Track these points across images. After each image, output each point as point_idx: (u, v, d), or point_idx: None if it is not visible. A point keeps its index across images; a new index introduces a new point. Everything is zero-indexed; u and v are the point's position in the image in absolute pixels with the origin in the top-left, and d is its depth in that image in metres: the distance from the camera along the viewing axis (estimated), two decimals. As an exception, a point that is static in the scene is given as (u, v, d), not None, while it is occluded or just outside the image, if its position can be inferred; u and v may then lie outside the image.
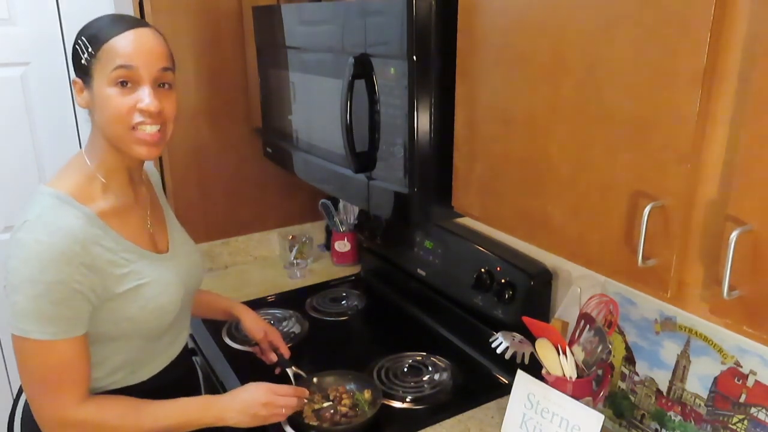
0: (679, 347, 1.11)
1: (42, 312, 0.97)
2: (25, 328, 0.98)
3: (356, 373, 1.40)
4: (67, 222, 0.99)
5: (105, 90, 1.01)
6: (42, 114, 2.01)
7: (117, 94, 1.00)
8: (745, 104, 0.64)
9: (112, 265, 1.03)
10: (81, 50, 1.02)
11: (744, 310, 0.67)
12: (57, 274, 0.96)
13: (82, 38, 1.02)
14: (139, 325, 1.08)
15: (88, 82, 1.03)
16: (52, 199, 1.02)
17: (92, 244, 1.01)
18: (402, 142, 1.11)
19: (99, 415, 1.04)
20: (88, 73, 1.02)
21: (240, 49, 1.91)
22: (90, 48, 1.00)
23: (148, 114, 1.01)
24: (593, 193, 0.83)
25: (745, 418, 1.01)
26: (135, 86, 1.01)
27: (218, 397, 1.15)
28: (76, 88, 1.06)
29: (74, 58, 1.04)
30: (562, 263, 1.38)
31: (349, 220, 2.08)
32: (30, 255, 0.97)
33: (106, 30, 1.01)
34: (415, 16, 1.03)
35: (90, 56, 1.00)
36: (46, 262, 0.96)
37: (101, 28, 1.02)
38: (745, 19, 0.63)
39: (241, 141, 2.02)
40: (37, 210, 1.00)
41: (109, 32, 1.00)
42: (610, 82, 0.77)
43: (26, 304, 0.97)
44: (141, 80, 1.01)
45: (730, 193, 0.66)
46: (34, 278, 0.96)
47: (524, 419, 1.19)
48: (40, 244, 0.97)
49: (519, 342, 1.19)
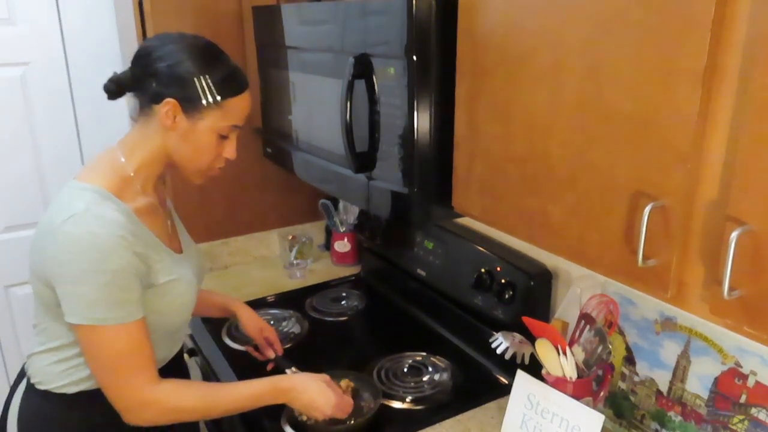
0: (679, 347, 1.11)
1: (112, 299, 1.00)
2: (98, 317, 1.00)
3: (356, 373, 1.40)
4: (114, 216, 1.03)
5: (208, 134, 1.10)
6: (42, 114, 2.01)
7: (215, 142, 1.11)
8: (745, 104, 0.64)
9: (151, 259, 1.07)
10: (204, 92, 1.06)
11: (744, 310, 0.66)
12: (119, 261, 1.00)
13: (208, 79, 1.06)
14: (163, 320, 1.12)
15: (193, 115, 1.07)
16: (93, 194, 1.04)
17: (136, 237, 1.05)
18: (402, 142, 1.11)
19: (177, 394, 1.08)
20: (200, 111, 1.07)
21: (240, 49, 1.91)
22: (218, 97, 1.07)
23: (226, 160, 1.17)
24: (593, 193, 0.83)
25: (745, 418, 1.01)
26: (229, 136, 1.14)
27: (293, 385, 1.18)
28: (167, 107, 1.06)
29: (185, 87, 1.05)
30: (562, 263, 1.38)
31: (349, 220, 2.08)
32: (87, 246, 0.99)
33: (234, 84, 1.09)
34: (415, 16, 1.03)
35: (214, 102, 1.07)
36: (107, 251, 0.99)
37: (228, 78, 1.08)
38: (745, 19, 0.63)
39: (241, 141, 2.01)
40: (82, 205, 1.02)
41: (236, 88, 1.09)
42: (611, 82, 0.77)
43: (96, 294, 0.99)
44: (235, 133, 1.15)
45: (730, 193, 0.66)
46: (98, 269, 0.99)
47: (524, 419, 1.19)
48: (95, 236, 0.99)
49: (519, 342, 1.19)
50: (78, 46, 2.01)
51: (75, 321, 1.01)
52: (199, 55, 1.07)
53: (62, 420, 1.13)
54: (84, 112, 2.08)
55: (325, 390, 1.18)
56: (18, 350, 2.12)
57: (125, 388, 1.05)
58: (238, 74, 1.11)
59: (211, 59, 1.08)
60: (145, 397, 1.05)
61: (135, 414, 1.06)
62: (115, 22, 2.05)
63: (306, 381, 1.19)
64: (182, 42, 1.08)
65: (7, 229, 2.02)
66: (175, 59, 1.05)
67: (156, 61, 1.06)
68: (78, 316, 1.01)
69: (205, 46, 1.09)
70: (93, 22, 2.02)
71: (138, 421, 1.07)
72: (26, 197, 2.04)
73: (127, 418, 1.06)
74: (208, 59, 1.07)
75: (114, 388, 1.06)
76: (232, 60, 1.12)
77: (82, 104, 2.07)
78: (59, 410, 1.12)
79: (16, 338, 2.12)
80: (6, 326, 2.10)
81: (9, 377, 2.13)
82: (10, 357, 2.12)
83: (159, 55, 1.06)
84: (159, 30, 1.78)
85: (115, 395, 1.06)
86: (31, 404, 1.15)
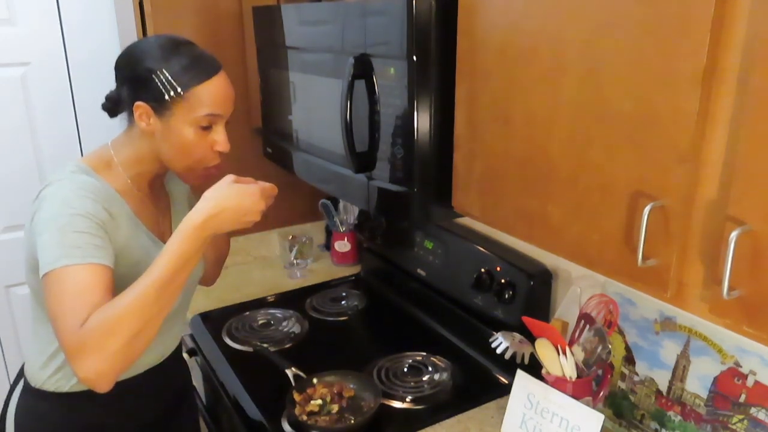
0: (678, 347, 1.11)
1: (66, 240, 0.96)
2: (53, 262, 0.94)
3: (356, 373, 1.40)
4: (90, 180, 1.05)
5: (185, 128, 1.06)
6: (42, 114, 2.01)
7: (196, 136, 1.07)
8: (745, 104, 0.64)
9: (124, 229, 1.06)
10: (163, 86, 1.04)
11: (744, 310, 0.67)
12: (81, 206, 0.99)
13: (165, 74, 1.04)
14: None
15: (162, 114, 1.06)
16: (74, 167, 1.07)
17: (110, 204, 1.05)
18: (402, 142, 1.11)
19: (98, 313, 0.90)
20: (168, 108, 1.05)
21: (240, 49, 1.91)
22: (178, 89, 1.04)
23: (220, 154, 1.12)
24: (593, 193, 0.83)
25: (744, 418, 1.01)
26: (212, 127, 1.09)
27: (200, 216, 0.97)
28: (139, 111, 1.06)
29: (148, 87, 1.05)
30: (562, 263, 1.38)
31: (349, 220, 2.08)
32: (55, 199, 1.00)
33: (194, 72, 1.05)
34: (415, 17, 1.03)
35: (177, 95, 1.04)
36: (70, 198, 1.00)
37: (186, 67, 1.05)
38: (745, 19, 0.63)
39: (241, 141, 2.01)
40: (59, 176, 1.05)
41: (198, 76, 1.05)
42: (610, 81, 0.77)
43: (51, 237, 0.96)
44: (219, 122, 1.10)
45: (730, 193, 0.66)
46: (59, 213, 0.98)
47: (524, 419, 1.19)
48: (64, 189, 1.01)
49: (519, 342, 1.19)
50: (78, 47, 2.01)
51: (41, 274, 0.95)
52: (155, 51, 1.06)
53: (57, 419, 1.13)
54: (84, 113, 2.08)
55: (241, 190, 1.01)
56: (18, 350, 2.12)
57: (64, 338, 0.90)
58: (202, 61, 1.07)
59: (168, 53, 1.06)
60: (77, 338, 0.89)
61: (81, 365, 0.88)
62: (116, 23, 2.05)
63: (216, 198, 0.99)
64: (142, 44, 1.09)
65: (7, 229, 2.02)
66: (135, 62, 1.07)
67: (123, 70, 1.09)
68: (42, 270, 0.95)
69: (163, 42, 1.08)
70: (93, 23, 2.02)
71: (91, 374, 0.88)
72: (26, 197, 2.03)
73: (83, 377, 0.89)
74: (164, 53, 1.06)
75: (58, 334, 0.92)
76: (197, 48, 1.09)
77: (82, 104, 2.07)
78: (54, 409, 1.12)
79: (16, 338, 2.12)
80: (6, 326, 2.10)
81: (9, 377, 2.13)
82: (10, 357, 2.13)
83: (124, 63, 1.09)
84: (159, 30, 1.79)
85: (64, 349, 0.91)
86: (27, 403, 1.15)
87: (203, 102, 1.06)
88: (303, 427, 1.25)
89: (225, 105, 1.09)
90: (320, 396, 1.31)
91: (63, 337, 0.91)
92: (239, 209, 1.00)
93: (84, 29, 2.01)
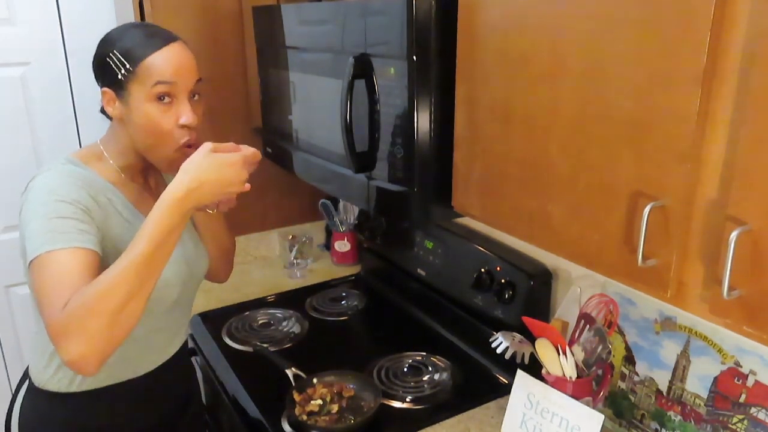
0: (679, 347, 1.11)
1: (50, 226, 0.95)
2: (37, 248, 0.93)
3: (356, 373, 1.40)
4: (78, 170, 1.05)
5: (144, 105, 1.04)
6: (42, 114, 2.01)
7: (157, 111, 1.04)
8: (745, 104, 0.64)
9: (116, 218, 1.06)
10: (116, 65, 1.03)
11: (744, 309, 0.67)
12: (65, 194, 0.99)
13: (116, 53, 1.03)
14: None
15: (122, 95, 1.05)
16: (63, 160, 1.08)
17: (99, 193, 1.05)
18: (402, 142, 1.11)
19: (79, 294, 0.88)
20: (124, 87, 1.04)
21: (240, 49, 1.91)
22: (127, 65, 1.03)
23: (188, 129, 1.06)
24: (593, 193, 0.83)
25: (744, 418, 1.01)
26: (173, 101, 1.05)
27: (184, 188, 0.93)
28: (105, 98, 1.08)
29: (104, 71, 1.06)
30: (562, 263, 1.38)
31: (349, 220, 2.08)
32: (41, 189, 1.00)
33: (143, 46, 1.03)
34: (415, 17, 1.03)
35: (128, 72, 1.03)
36: (54, 186, 1.00)
37: (137, 43, 1.04)
38: (745, 19, 0.63)
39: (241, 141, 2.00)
40: (49, 166, 1.05)
41: (146, 48, 1.03)
42: (610, 82, 0.77)
43: (36, 225, 0.96)
44: (179, 94, 1.05)
45: (730, 193, 0.66)
46: (43, 201, 0.98)
47: (524, 419, 1.19)
48: (50, 179, 1.01)
49: (519, 342, 1.19)
50: (78, 47, 2.01)
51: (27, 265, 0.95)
52: (110, 35, 1.07)
53: (60, 419, 1.13)
54: (84, 113, 2.07)
55: (221, 161, 0.97)
56: (18, 350, 2.12)
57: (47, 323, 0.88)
58: (153, 35, 1.05)
59: (119, 33, 1.06)
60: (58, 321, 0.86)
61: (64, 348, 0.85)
62: (115, 23, 2.05)
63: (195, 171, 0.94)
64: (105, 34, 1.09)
65: (6, 229, 2.02)
66: (96, 51, 1.08)
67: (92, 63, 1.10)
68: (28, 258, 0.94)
69: (120, 26, 1.09)
70: (93, 23, 2.01)
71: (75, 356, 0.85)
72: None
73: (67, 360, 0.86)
74: (115, 35, 1.06)
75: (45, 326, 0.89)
76: (153, 27, 1.08)
77: (81, 104, 2.06)
78: (57, 409, 1.12)
79: (16, 338, 2.12)
80: (6, 326, 2.10)
81: (9, 377, 2.13)
82: (10, 357, 2.12)
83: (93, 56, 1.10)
84: (159, 30, 1.79)
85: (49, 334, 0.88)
86: (31, 403, 1.15)
87: (152, 72, 1.02)
88: (303, 427, 1.25)
89: (179, 74, 1.04)
90: (320, 396, 1.31)
91: (47, 322, 0.88)
92: (221, 181, 0.96)
93: (84, 29, 2.01)
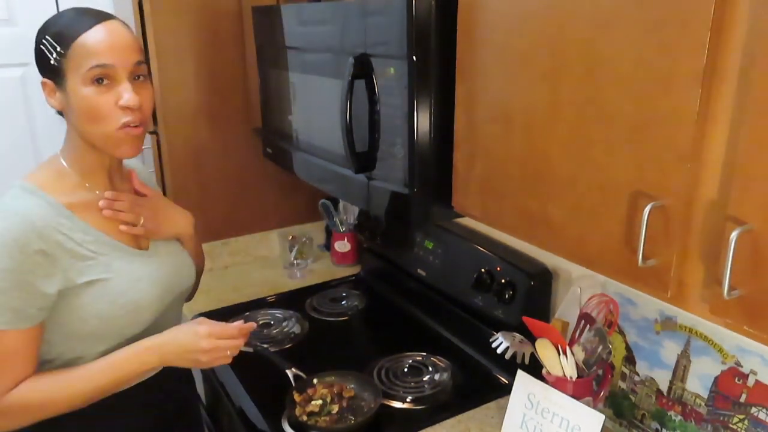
0: (679, 347, 1.11)
1: None
2: None
3: (356, 373, 1.40)
4: (27, 209, 0.98)
5: (81, 90, 0.98)
6: (42, 114, 2.00)
7: (95, 94, 0.98)
8: (745, 104, 0.64)
9: (73, 255, 1.00)
10: (48, 50, 0.98)
11: (744, 309, 0.67)
12: (8, 262, 0.94)
13: (47, 38, 0.98)
14: (110, 323, 1.04)
15: (59, 82, 0.99)
16: (17, 189, 1.02)
17: (53, 231, 0.98)
18: (402, 142, 1.11)
19: (25, 396, 0.97)
20: (59, 73, 0.98)
21: (240, 49, 1.91)
22: (59, 48, 0.96)
23: (130, 111, 0.99)
24: (593, 193, 0.83)
25: (745, 417, 1.01)
26: (112, 83, 0.98)
27: (155, 342, 1.05)
28: (46, 90, 1.02)
29: (40, 59, 1.00)
30: (562, 263, 1.38)
31: (349, 220, 2.08)
32: None
33: (74, 26, 0.97)
34: (415, 16, 1.03)
35: (60, 56, 0.97)
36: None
37: (67, 24, 0.98)
38: (745, 19, 0.63)
39: (241, 141, 2.02)
40: (1, 201, 1.01)
41: (77, 28, 0.97)
42: (610, 81, 0.77)
43: None
44: (118, 76, 0.98)
45: (730, 193, 0.66)
46: None
47: (524, 419, 1.19)
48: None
49: (519, 342, 1.19)
50: (78, 47, 2.01)
51: None
52: (44, 24, 1.01)
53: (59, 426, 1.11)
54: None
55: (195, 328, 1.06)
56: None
57: None
58: (83, 13, 0.99)
59: (53, 18, 1.01)
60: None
61: None
62: (115, 23, 2.05)
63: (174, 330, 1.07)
64: None
65: (7, 230, 2.02)
66: None
67: None
68: None
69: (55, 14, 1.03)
70: (93, 23, 2.02)
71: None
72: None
73: None
74: (50, 20, 1.01)
75: None
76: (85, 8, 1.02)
77: (82, 104, 2.06)
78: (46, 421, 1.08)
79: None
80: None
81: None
82: None
83: None
84: (159, 30, 1.79)
85: None
86: None
87: (85, 54, 0.96)
88: (303, 427, 1.25)
89: (114, 53, 0.97)
90: (320, 396, 1.31)
91: None
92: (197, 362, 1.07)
93: (84, 29, 2.01)
